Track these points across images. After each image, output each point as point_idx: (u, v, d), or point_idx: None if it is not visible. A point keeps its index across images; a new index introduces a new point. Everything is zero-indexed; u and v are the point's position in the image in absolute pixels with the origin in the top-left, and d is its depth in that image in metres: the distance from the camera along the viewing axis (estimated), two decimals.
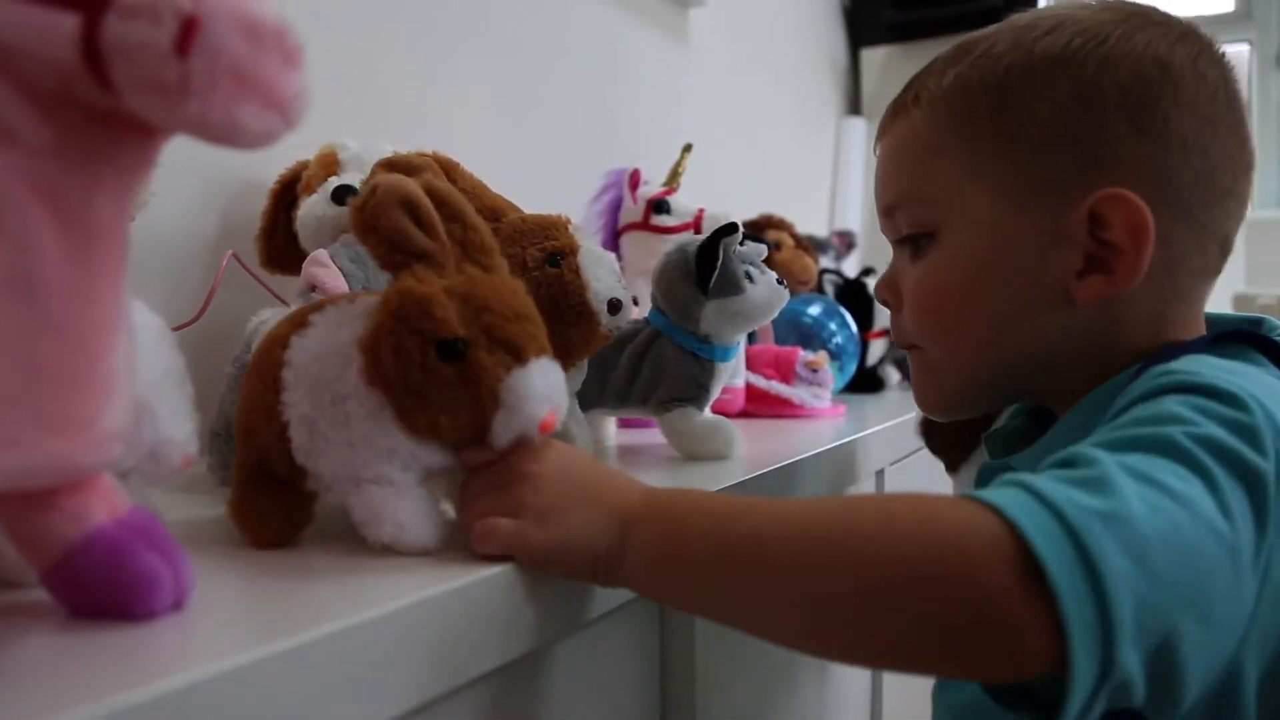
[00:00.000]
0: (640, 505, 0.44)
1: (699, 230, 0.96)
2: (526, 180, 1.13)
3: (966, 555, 0.35)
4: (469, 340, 0.41)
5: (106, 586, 0.33)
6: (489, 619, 0.41)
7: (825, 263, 1.63)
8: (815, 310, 1.26)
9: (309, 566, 0.43)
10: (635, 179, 0.96)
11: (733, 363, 0.75)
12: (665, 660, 0.59)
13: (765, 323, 0.75)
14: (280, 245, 0.80)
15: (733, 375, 1.00)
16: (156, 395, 0.39)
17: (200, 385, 0.44)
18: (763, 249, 0.75)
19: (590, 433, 0.69)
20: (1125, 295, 0.50)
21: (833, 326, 1.25)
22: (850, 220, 2.41)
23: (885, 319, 1.39)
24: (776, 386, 1.04)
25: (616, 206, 0.97)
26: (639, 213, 0.95)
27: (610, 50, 1.45)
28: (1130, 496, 0.36)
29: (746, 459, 0.72)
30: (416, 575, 0.40)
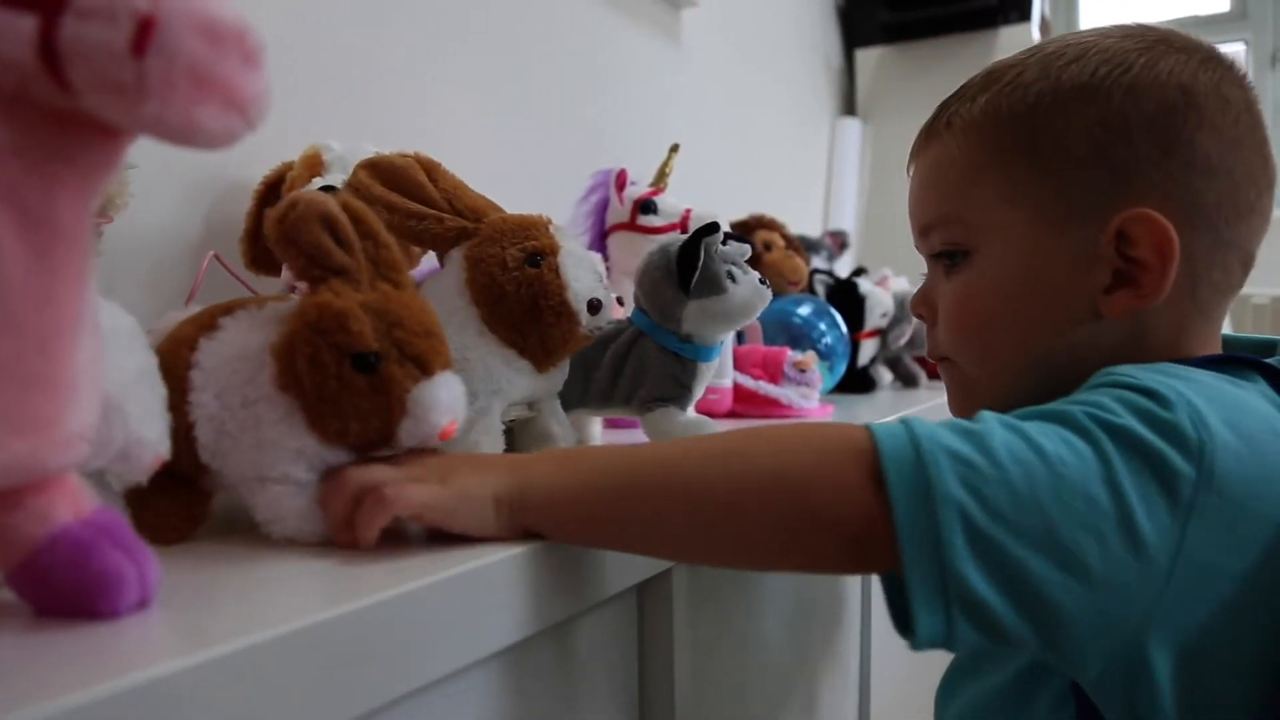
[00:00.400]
0: (535, 457, 0.50)
1: (686, 231, 0.95)
2: (518, 181, 1.13)
3: (837, 456, 0.43)
4: (381, 353, 0.44)
5: (71, 585, 0.33)
6: (456, 618, 0.41)
7: (818, 263, 1.62)
8: (805, 310, 1.26)
9: (272, 566, 0.43)
10: (622, 179, 0.96)
11: (715, 362, 0.75)
12: (643, 658, 0.59)
13: (747, 323, 0.75)
14: (265, 246, 0.79)
15: (720, 375, 1.00)
16: (127, 395, 0.39)
17: None
18: (746, 249, 0.75)
19: (573, 433, 0.69)
20: (1150, 310, 0.52)
21: (822, 327, 1.25)
22: (845, 221, 2.41)
23: (876, 319, 1.40)
24: (764, 386, 1.04)
25: (603, 207, 0.97)
26: (626, 213, 0.95)
27: (602, 51, 1.45)
28: (996, 446, 0.41)
29: None
30: (381, 574, 0.40)
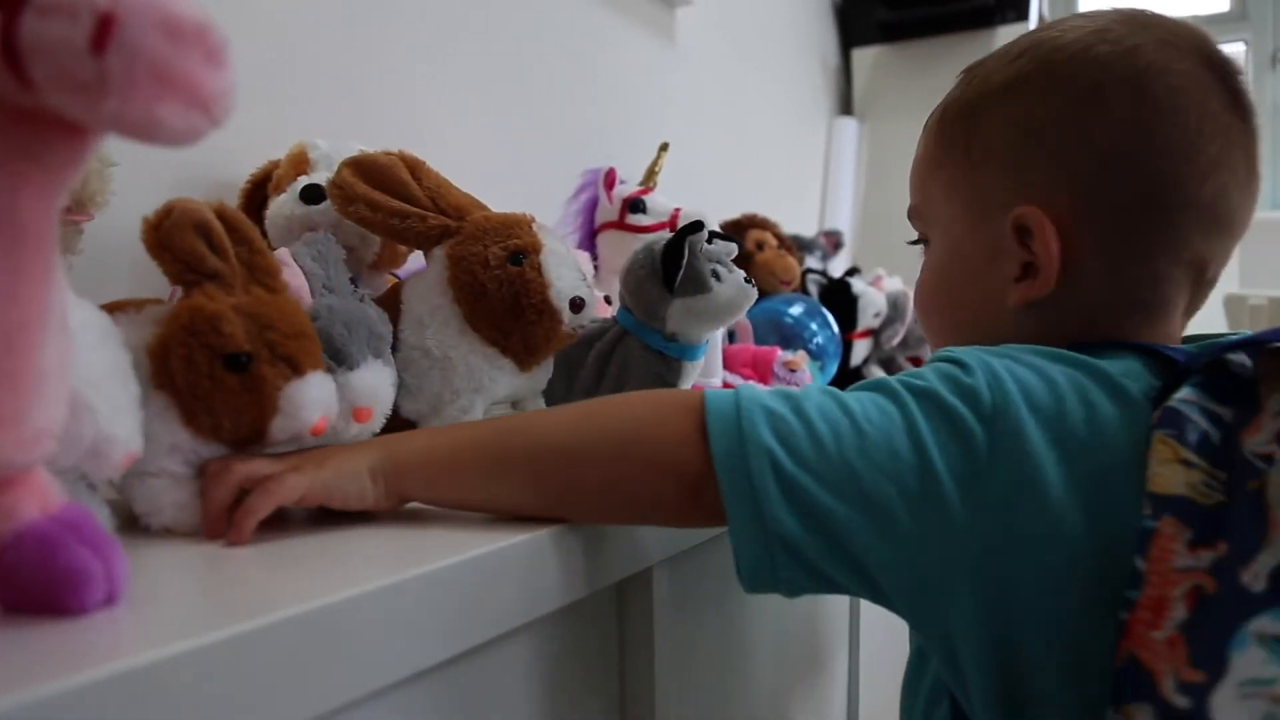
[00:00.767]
0: (407, 433, 0.54)
1: (675, 229, 0.96)
2: (512, 181, 1.13)
3: (672, 412, 0.48)
4: (253, 354, 0.46)
5: (37, 581, 0.33)
6: (434, 614, 0.41)
7: (812, 262, 1.62)
8: (796, 310, 1.26)
9: (241, 561, 0.43)
10: (610, 178, 0.96)
11: (700, 361, 0.75)
12: (623, 654, 0.59)
13: (732, 322, 0.75)
14: None
15: (709, 374, 1.00)
16: (98, 392, 0.39)
17: None
18: (732, 247, 0.75)
19: None
20: (1062, 299, 0.54)
21: (814, 326, 1.25)
22: (841, 220, 2.40)
23: (868, 319, 1.40)
24: None
25: (593, 206, 0.97)
26: (614, 212, 0.95)
27: (596, 50, 1.45)
28: (808, 407, 0.46)
29: None
30: (352, 569, 0.40)
